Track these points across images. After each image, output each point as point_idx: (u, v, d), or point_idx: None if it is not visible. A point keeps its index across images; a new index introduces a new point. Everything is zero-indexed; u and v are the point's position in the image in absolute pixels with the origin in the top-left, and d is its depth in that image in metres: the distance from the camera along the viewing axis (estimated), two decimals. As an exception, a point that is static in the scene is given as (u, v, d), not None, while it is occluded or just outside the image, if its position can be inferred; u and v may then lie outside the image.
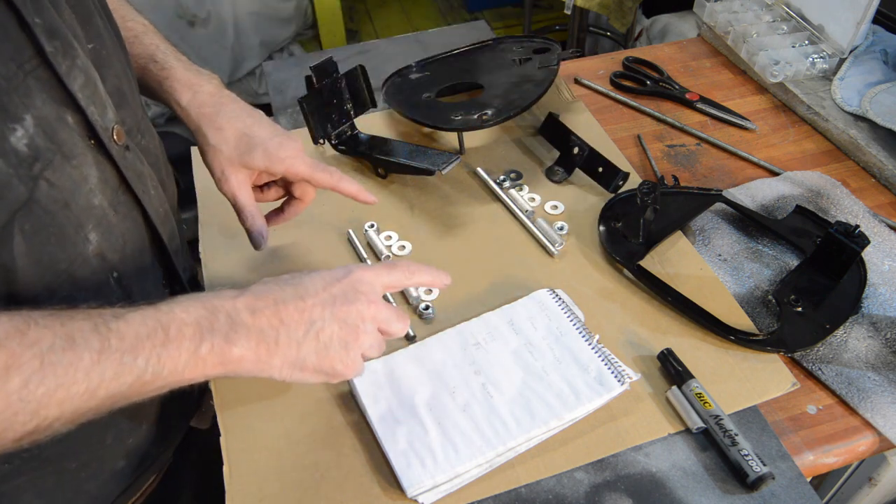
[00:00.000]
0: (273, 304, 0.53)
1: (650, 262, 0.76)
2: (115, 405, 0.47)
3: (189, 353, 0.49)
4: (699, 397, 0.63)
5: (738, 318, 0.71)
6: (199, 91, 0.70)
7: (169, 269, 0.68)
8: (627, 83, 1.04)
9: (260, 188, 0.75)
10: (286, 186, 0.75)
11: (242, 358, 0.51)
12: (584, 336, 0.68)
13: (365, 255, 0.78)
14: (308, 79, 0.85)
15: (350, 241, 0.81)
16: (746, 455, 0.59)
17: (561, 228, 0.81)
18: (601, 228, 0.80)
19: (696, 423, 0.62)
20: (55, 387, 0.43)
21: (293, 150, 0.69)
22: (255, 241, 0.70)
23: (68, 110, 0.52)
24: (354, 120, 0.91)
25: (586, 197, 0.85)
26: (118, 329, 0.46)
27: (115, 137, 0.56)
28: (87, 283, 0.55)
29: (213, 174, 0.70)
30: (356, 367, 0.56)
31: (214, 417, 0.65)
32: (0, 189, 0.47)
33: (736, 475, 0.59)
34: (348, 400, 0.66)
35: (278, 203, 0.76)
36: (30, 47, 0.49)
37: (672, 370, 0.66)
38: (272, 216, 0.75)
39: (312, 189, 0.73)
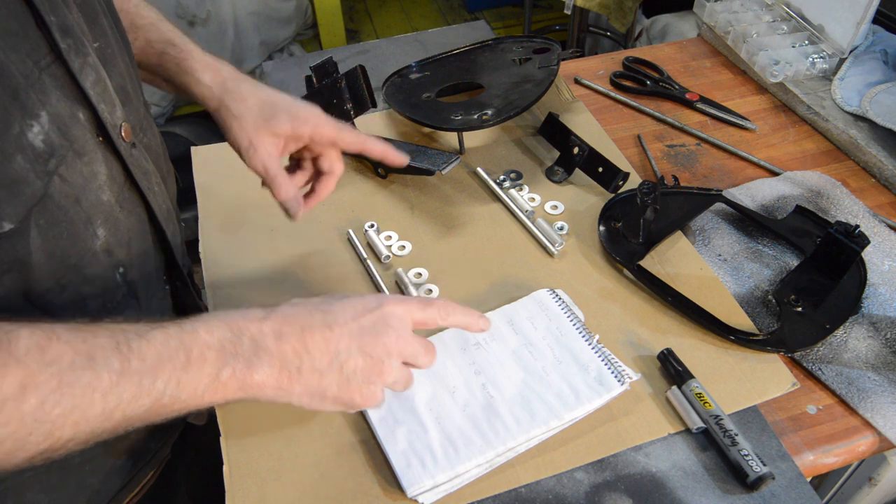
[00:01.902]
0: (300, 330, 0.52)
1: (650, 262, 0.76)
2: (131, 426, 0.47)
3: (210, 378, 0.48)
4: (699, 397, 0.63)
5: (738, 318, 0.71)
6: (219, 69, 0.70)
7: (170, 265, 0.68)
8: (627, 83, 1.04)
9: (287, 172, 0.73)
10: (314, 161, 0.73)
11: (264, 384, 0.51)
12: (584, 336, 0.68)
13: (365, 255, 0.78)
14: (308, 79, 0.85)
15: (350, 241, 0.81)
16: (746, 455, 0.59)
17: (561, 228, 0.81)
18: (601, 228, 0.80)
19: (696, 423, 0.62)
20: (71, 408, 0.43)
21: (317, 112, 0.68)
22: (291, 209, 0.68)
23: (80, 107, 0.53)
24: (354, 120, 0.91)
25: (586, 197, 0.85)
26: (140, 349, 0.46)
27: (123, 135, 0.57)
28: (95, 278, 0.56)
29: (240, 148, 0.68)
30: (376, 400, 0.55)
31: (210, 413, 0.65)
32: (19, 184, 0.47)
33: (736, 475, 0.59)
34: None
35: (307, 189, 0.74)
36: (45, 44, 0.49)
37: (672, 370, 0.66)
38: (306, 199, 0.72)
39: (340, 160, 0.71)
